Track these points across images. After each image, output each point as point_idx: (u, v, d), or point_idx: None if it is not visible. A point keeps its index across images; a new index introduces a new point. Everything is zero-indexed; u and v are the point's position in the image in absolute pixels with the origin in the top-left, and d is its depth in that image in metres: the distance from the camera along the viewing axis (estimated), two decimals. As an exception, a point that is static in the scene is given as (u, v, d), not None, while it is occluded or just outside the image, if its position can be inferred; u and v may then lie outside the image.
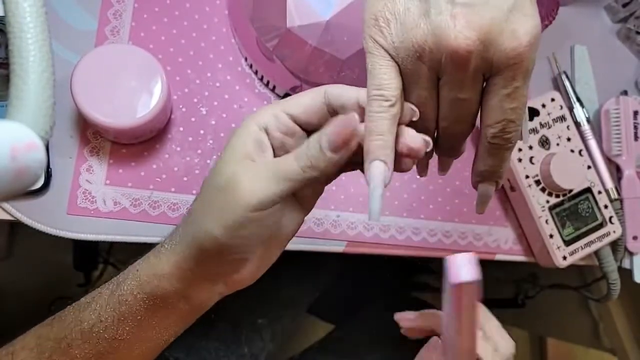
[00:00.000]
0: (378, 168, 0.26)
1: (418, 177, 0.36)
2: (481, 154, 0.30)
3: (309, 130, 0.30)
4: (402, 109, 0.28)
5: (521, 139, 0.30)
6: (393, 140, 0.27)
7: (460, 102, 0.27)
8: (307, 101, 0.29)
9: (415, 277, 0.73)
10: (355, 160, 0.28)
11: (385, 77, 0.27)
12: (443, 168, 0.35)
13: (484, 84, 0.27)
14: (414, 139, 0.28)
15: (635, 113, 0.58)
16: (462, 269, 0.25)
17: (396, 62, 0.27)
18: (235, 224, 0.26)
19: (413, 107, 0.28)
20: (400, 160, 0.28)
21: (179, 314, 0.31)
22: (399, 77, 0.27)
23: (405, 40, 0.26)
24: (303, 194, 0.31)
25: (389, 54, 0.27)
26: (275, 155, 0.29)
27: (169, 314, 0.30)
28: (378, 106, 0.26)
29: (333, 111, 0.29)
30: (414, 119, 0.28)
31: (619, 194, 0.57)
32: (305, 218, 0.32)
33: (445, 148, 0.32)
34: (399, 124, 0.28)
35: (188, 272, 0.29)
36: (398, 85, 0.27)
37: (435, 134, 0.31)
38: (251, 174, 0.27)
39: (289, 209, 0.31)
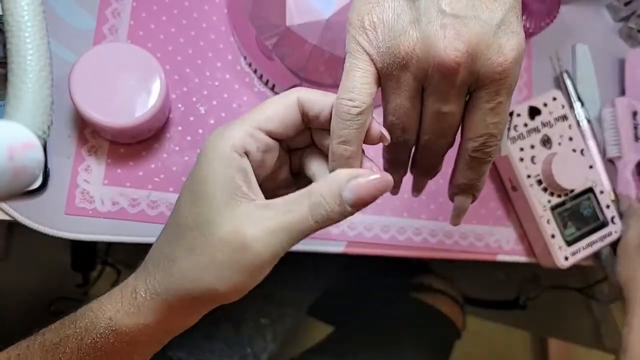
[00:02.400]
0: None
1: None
2: (460, 167, 0.30)
3: (283, 140, 0.28)
4: (371, 118, 0.27)
5: (499, 152, 0.30)
6: (359, 149, 0.27)
7: (443, 115, 0.27)
8: (280, 113, 0.27)
9: (415, 277, 0.72)
10: None
11: (359, 80, 0.26)
12: (417, 189, 0.35)
13: (467, 98, 0.27)
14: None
15: (635, 114, 0.58)
16: None
17: (377, 69, 0.26)
18: (248, 281, 0.25)
19: (385, 132, 0.27)
20: None
21: (162, 343, 0.30)
22: (374, 86, 0.26)
23: (392, 46, 0.25)
24: None
25: (371, 59, 0.26)
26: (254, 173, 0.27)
27: (151, 346, 0.30)
28: (346, 112, 0.26)
29: (307, 120, 0.28)
30: (384, 143, 0.28)
31: (615, 195, 0.57)
32: None
33: (424, 165, 0.32)
34: (367, 142, 0.27)
35: (171, 319, 0.28)
36: (371, 93, 0.26)
37: (412, 153, 0.31)
38: (258, 228, 0.24)
39: None
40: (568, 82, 0.58)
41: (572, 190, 0.52)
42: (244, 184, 0.25)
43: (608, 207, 0.54)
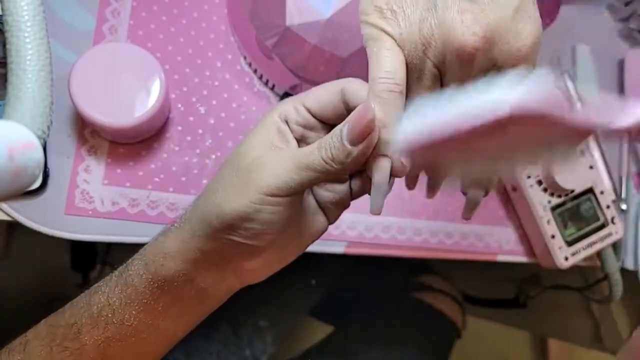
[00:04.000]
0: (382, 165, 0.26)
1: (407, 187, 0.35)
2: None
3: (330, 124, 0.29)
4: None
5: None
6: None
7: None
8: (324, 96, 0.29)
9: (416, 277, 0.72)
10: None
11: (394, 60, 0.26)
12: (433, 189, 0.34)
13: None
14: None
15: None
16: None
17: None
18: (250, 205, 0.26)
19: (404, 161, 0.27)
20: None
21: (185, 302, 0.30)
22: (405, 69, 0.26)
23: (412, 32, 0.25)
24: (326, 203, 0.30)
25: (397, 44, 0.26)
26: (299, 147, 0.29)
27: (175, 299, 0.29)
28: (387, 90, 0.25)
29: (350, 108, 0.28)
30: (399, 176, 0.27)
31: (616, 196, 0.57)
32: None
33: None
34: (392, 174, 0.27)
35: (194, 252, 0.28)
36: (403, 76, 0.26)
37: None
38: (275, 159, 0.26)
39: (311, 212, 0.30)
40: (568, 83, 0.58)
41: (572, 191, 0.52)
42: (278, 139, 0.28)
43: (608, 207, 0.54)
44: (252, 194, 0.26)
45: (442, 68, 0.26)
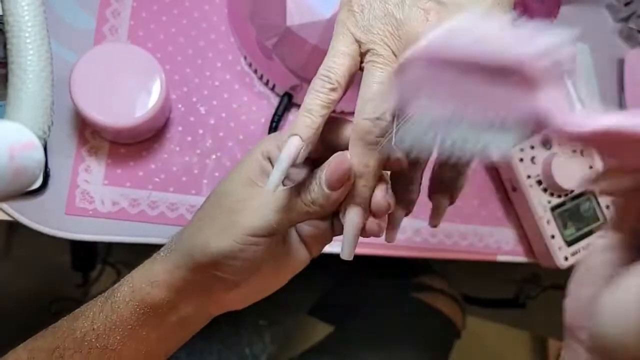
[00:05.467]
0: (293, 142, 0.26)
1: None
2: (440, 164, 0.29)
3: (313, 158, 0.30)
4: (342, 96, 0.27)
5: None
6: (320, 124, 0.26)
7: None
8: None
9: (415, 277, 0.72)
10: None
11: (337, 61, 0.26)
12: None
13: None
14: (378, 202, 0.27)
15: None
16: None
17: (360, 50, 0.26)
18: (234, 244, 0.27)
19: (388, 200, 0.27)
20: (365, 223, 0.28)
21: (168, 328, 0.31)
22: (350, 68, 0.27)
23: (374, 26, 0.26)
24: (308, 237, 0.31)
25: (356, 40, 0.26)
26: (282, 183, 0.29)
27: (159, 325, 0.30)
28: (321, 86, 0.26)
29: (330, 144, 0.28)
30: (369, 235, 0.28)
31: None
32: None
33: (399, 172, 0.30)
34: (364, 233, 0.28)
35: (179, 282, 0.29)
36: (345, 75, 0.26)
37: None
38: (257, 201, 0.27)
39: (293, 246, 0.31)
40: (568, 83, 0.58)
41: (572, 191, 0.52)
42: (260, 177, 0.29)
43: (608, 207, 0.54)
44: (237, 235, 0.27)
45: None
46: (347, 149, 0.27)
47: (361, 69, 0.27)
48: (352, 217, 0.27)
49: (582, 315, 0.20)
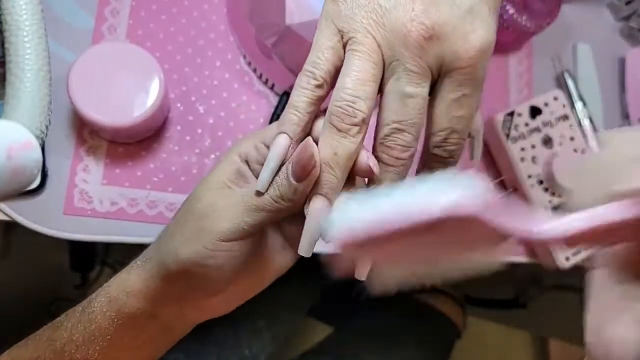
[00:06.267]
0: (281, 141, 0.26)
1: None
2: (420, 168, 0.29)
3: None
4: (329, 92, 0.27)
5: (471, 157, 0.29)
6: (308, 121, 0.26)
7: (407, 98, 0.25)
8: None
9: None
10: None
11: (322, 56, 0.26)
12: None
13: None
14: (362, 161, 0.26)
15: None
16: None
17: (343, 42, 0.26)
18: (204, 251, 0.26)
19: (373, 164, 0.26)
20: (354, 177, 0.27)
21: (149, 336, 0.30)
22: (335, 62, 0.26)
23: (358, 14, 0.25)
24: (294, 235, 0.30)
25: (338, 31, 0.26)
26: None
27: (139, 334, 0.30)
28: (306, 82, 0.26)
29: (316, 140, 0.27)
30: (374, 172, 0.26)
31: None
32: None
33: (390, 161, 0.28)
34: (356, 172, 0.26)
35: (155, 291, 0.28)
36: (330, 69, 0.26)
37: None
38: (227, 203, 0.26)
39: (274, 248, 0.30)
40: (569, 82, 0.57)
41: (573, 190, 0.52)
42: (235, 180, 0.28)
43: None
44: (206, 240, 0.26)
45: (388, 54, 0.25)
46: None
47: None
48: (314, 207, 0.25)
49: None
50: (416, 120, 0.25)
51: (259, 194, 0.26)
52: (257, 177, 0.28)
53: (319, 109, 0.27)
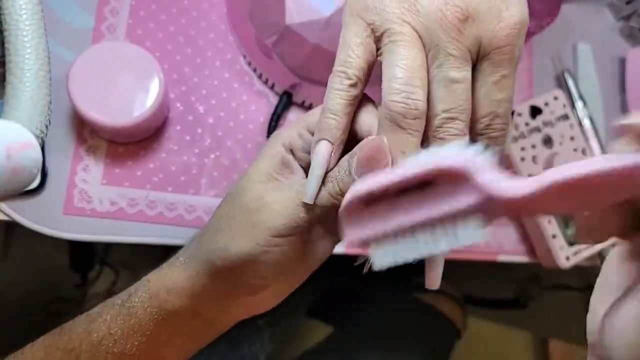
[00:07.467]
0: (323, 148, 0.25)
1: None
2: None
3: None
4: (363, 90, 0.26)
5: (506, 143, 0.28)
6: (347, 123, 0.25)
7: (452, 83, 0.24)
8: None
9: (416, 277, 0.72)
10: None
11: (352, 54, 0.25)
12: (433, 279, 0.31)
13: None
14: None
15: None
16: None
17: (374, 37, 0.25)
18: (257, 247, 0.25)
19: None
20: None
21: (190, 333, 0.30)
22: (368, 59, 0.25)
23: (388, 5, 0.24)
24: (332, 221, 0.28)
25: (368, 26, 0.25)
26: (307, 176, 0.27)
27: (179, 331, 0.29)
28: (339, 83, 0.25)
29: (357, 127, 0.26)
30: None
31: None
32: None
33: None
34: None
35: (199, 289, 0.27)
36: (363, 66, 0.25)
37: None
38: (278, 197, 0.25)
39: (315, 236, 0.29)
40: (569, 82, 0.57)
41: (573, 190, 0.52)
42: (281, 171, 0.27)
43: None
44: (259, 236, 0.25)
45: (427, 40, 0.24)
46: (366, 134, 0.25)
47: (379, 55, 0.25)
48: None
49: (597, 333, 0.20)
50: (465, 106, 0.24)
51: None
52: (302, 167, 0.28)
53: (354, 109, 0.26)
